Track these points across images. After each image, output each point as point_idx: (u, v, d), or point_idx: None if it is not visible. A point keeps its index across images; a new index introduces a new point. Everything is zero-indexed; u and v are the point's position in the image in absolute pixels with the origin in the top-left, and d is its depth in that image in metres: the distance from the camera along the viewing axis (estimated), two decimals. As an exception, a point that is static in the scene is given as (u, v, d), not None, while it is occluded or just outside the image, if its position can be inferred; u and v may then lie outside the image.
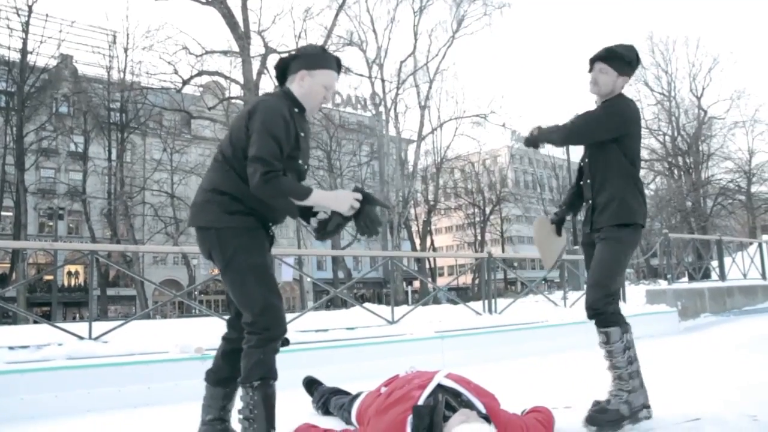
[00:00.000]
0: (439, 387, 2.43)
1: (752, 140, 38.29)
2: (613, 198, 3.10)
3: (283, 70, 2.76)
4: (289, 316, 6.05)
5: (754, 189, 38.30)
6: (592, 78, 3.20)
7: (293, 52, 2.82)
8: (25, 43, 27.96)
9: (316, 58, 2.72)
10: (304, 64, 2.70)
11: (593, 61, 3.21)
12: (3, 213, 32.01)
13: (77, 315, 35.09)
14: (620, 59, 3.15)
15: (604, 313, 3.02)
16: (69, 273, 37.81)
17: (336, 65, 2.76)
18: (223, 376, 2.75)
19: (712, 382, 4.27)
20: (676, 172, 37.83)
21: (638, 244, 3.31)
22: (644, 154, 38.73)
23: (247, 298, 2.53)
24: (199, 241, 2.63)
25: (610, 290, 3.03)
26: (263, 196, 2.49)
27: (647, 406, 3.01)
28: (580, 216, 3.55)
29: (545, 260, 3.58)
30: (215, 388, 2.77)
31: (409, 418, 2.12)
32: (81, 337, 4.76)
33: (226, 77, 26.57)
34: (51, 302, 32.09)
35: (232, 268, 2.54)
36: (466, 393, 2.40)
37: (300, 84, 2.69)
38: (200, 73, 26.25)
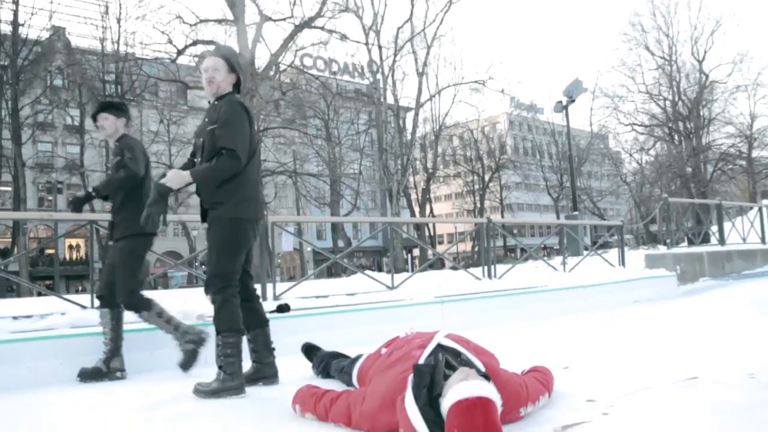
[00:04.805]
0: (439, 347, 2.44)
1: (754, 104, 37.78)
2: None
3: None
4: (289, 284, 6.09)
5: (755, 154, 38.05)
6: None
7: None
8: (16, 15, 27.47)
9: None
10: None
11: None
12: (2, 188, 31.95)
13: (80, 287, 35.29)
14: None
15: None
16: (70, 246, 37.90)
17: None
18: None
19: (710, 343, 4.31)
20: (676, 137, 37.50)
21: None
22: (644, 119, 38.51)
23: None
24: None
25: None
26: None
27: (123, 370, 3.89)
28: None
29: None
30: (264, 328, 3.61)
31: (410, 377, 2.14)
32: (84, 306, 4.80)
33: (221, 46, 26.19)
34: (53, 275, 32.20)
35: None
36: (466, 352, 2.42)
37: None
38: (195, 43, 25.80)
